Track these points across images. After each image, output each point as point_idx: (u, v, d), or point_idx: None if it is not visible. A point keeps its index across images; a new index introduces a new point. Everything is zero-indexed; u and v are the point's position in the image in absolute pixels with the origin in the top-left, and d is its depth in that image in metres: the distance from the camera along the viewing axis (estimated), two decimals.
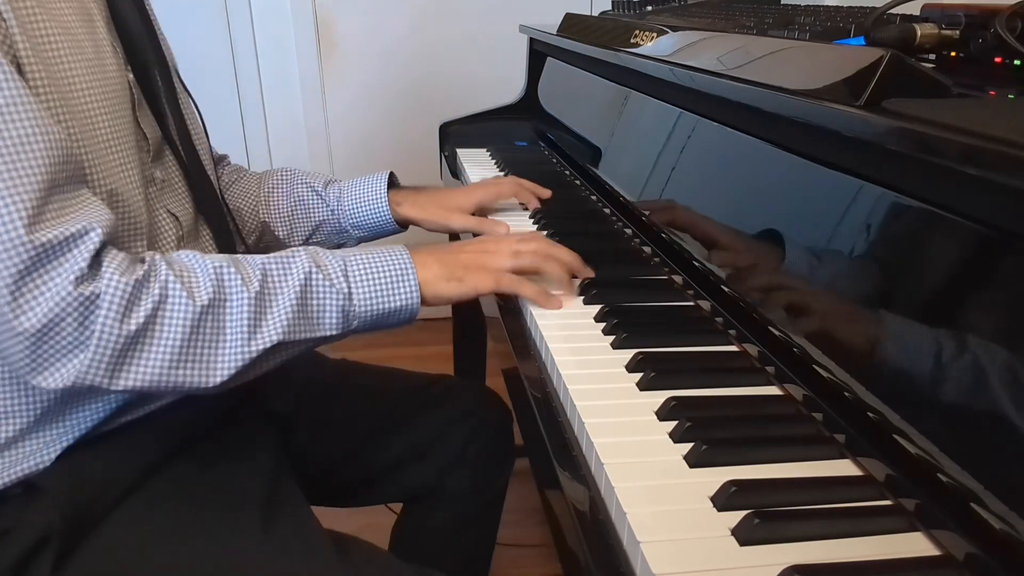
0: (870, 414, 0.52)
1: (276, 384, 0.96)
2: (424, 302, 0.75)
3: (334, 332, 0.71)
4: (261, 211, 1.03)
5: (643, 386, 0.64)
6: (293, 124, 2.33)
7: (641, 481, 0.51)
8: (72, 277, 0.59)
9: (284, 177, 1.04)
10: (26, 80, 0.62)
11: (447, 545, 1.03)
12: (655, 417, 0.59)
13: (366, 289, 0.71)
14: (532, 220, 1.08)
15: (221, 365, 0.65)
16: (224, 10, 2.20)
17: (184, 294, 0.64)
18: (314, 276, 0.69)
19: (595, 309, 0.78)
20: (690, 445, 0.54)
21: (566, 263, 0.82)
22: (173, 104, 0.83)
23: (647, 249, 0.95)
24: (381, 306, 0.72)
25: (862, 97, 0.56)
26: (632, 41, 1.06)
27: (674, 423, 0.57)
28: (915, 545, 0.47)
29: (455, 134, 1.60)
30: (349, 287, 0.70)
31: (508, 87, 1.71)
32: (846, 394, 0.54)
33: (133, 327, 0.61)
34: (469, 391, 1.07)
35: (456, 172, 1.44)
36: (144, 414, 0.75)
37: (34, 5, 0.64)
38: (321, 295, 0.69)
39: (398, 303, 0.72)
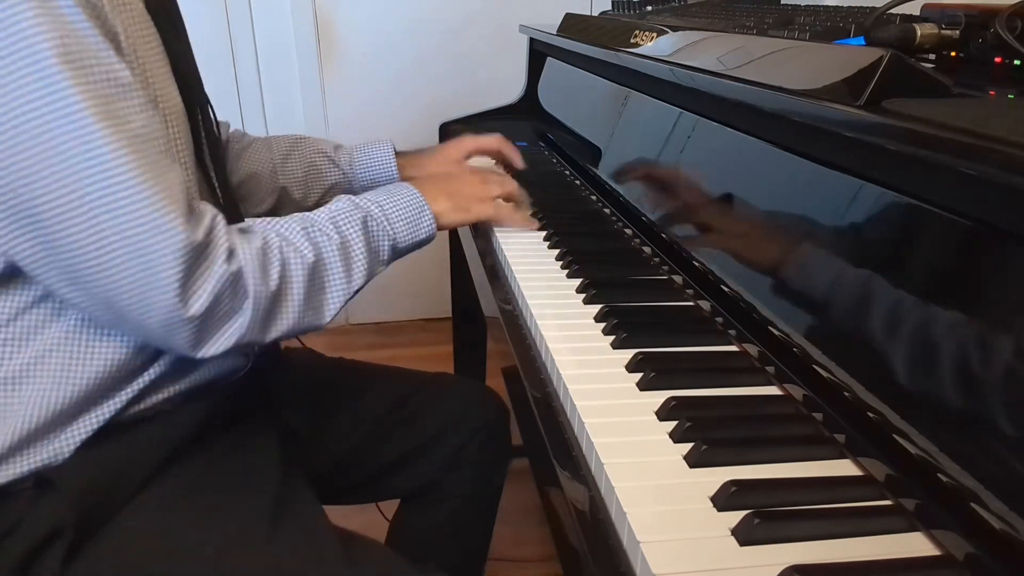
0: (870, 414, 0.52)
1: (279, 386, 0.97)
2: (438, 228, 0.90)
3: (385, 266, 0.85)
4: (279, 176, 1.11)
5: (643, 386, 0.64)
6: (293, 124, 2.33)
7: (641, 481, 0.51)
8: (223, 258, 0.67)
9: (296, 144, 1.12)
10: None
11: (444, 542, 1.03)
12: (655, 417, 0.59)
13: (403, 227, 0.85)
14: None
15: (329, 307, 0.77)
16: (224, 10, 2.20)
17: (297, 257, 0.74)
18: (370, 223, 0.82)
19: (595, 309, 0.78)
20: (690, 445, 0.54)
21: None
22: (207, 120, 0.85)
23: (647, 249, 0.95)
24: (413, 238, 0.86)
25: (862, 97, 0.56)
26: (632, 41, 1.06)
27: (674, 423, 0.57)
28: (915, 545, 0.47)
29: (455, 134, 1.59)
30: (393, 229, 0.84)
31: (508, 87, 1.71)
32: (846, 394, 0.54)
33: (273, 287, 0.71)
34: (466, 388, 1.08)
35: None
36: (153, 411, 0.76)
37: (132, 21, 0.69)
38: (378, 237, 0.83)
39: (424, 235, 0.88)
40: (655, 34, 1.02)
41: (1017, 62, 0.64)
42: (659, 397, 0.61)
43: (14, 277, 0.67)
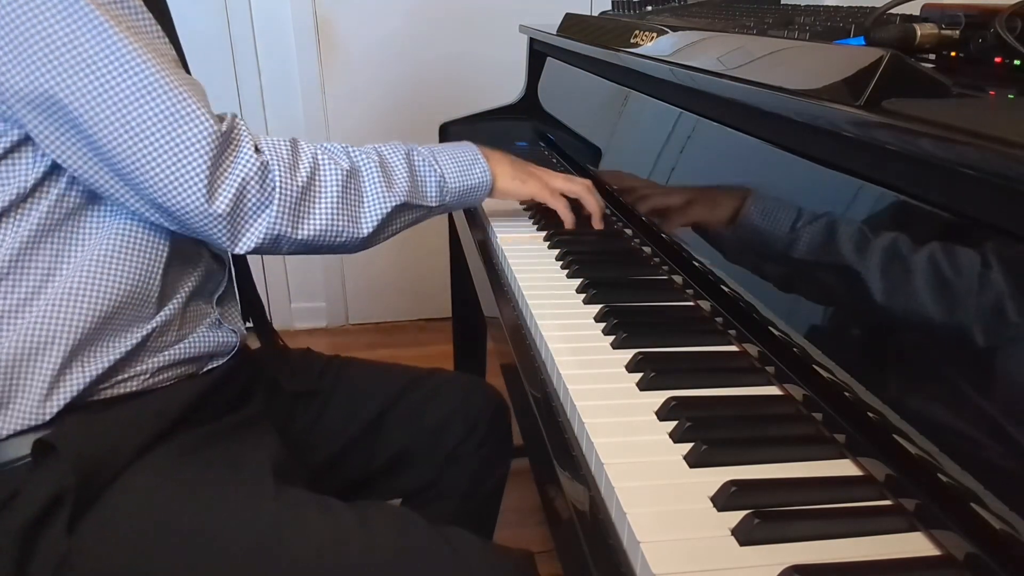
0: (870, 414, 0.52)
1: (276, 382, 0.96)
2: (494, 190, 0.93)
3: (435, 203, 0.88)
4: None
5: (643, 386, 0.64)
6: (293, 124, 2.33)
7: (641, 481, 0.51)
8: (251, 149, 0.72)
9: None
10: None
11: None
12: (655, 417, 0.59)
13: (452, 169, 0.89)
14: (532, 220, 1.08)
15: (366, 219, 0.81)
16: (224, 10, 2.20)
17: (331, 162, 0.79)
18: (414, 155, 0.87)
19: (595, 309, 0.78)
20: (690, 445, 0.54)
21: (600, 205, 1.03)
22: None
23: (647, 249, 0.95)
24: (464, 182, 0.90)
25: (862, 97, 0.56)
26: (632, 41, 1.06)
27: (674, 423, 0.57)
28: (915, 545, 0.47)
29: (455, 134, 1.60)
30: (440, 167, 0.88)
31: (508, 87, 1.71)
32: (846, 394, 0.54)
33: (301, 181, 0.75)
34: (464, 383, 1.08)
35: None
36: (148, 385, 0.78)
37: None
38: (423, 170, 0.86)
39: (475, 181, 0.91)
40: (655, 34, 1.02)
41: (1017, 62, 0.64)
42: (659, 397, 0.61)
43: (23, 204, 0.70)
